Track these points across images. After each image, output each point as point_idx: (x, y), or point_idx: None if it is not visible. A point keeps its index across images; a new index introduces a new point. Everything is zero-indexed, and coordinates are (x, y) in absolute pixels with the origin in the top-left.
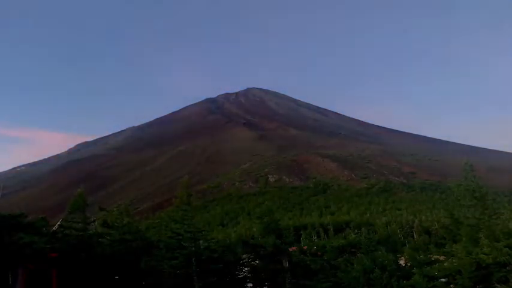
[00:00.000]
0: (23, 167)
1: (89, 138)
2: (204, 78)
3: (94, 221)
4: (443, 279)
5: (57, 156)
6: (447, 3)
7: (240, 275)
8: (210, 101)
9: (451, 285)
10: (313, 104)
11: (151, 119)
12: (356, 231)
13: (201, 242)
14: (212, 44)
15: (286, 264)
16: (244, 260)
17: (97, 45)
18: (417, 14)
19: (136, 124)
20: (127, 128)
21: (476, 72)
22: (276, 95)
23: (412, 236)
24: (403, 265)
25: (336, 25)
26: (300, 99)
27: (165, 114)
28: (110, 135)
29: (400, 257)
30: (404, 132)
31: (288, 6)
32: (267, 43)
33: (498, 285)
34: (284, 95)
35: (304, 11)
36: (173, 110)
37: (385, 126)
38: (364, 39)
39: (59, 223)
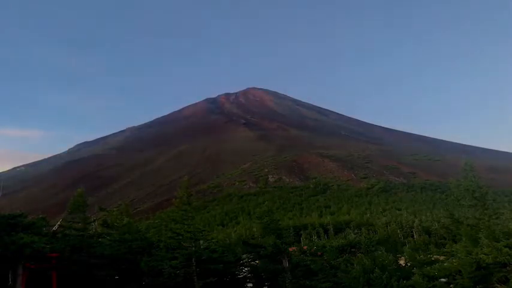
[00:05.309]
0: (22, 167)
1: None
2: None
3: (94, 221)
4: (443, 279)
5: (57, 156)
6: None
7: (240, 275)
8: (210, 101)
9: (451, 285)
10: (314, 104)
11: (152, 119)
12: (356, 231)
13: (201, 242)
14: (213, 44)
15: (286, 264)
16: (244, 260)
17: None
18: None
19: (137, 124)
20: (127, 128)
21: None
22: (276, 95)
23: (412, 236)
24: (403, 265)
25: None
26: (300, 99)
27: (165, 114)
28: (109, 135)
29: (400, 257)
30: (405, 132)
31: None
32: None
33: (498, 285)
34: (284, 95)
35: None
36: (173, 110)
37: (385, 126)
38: (364, 39)
39: (59, 223)
